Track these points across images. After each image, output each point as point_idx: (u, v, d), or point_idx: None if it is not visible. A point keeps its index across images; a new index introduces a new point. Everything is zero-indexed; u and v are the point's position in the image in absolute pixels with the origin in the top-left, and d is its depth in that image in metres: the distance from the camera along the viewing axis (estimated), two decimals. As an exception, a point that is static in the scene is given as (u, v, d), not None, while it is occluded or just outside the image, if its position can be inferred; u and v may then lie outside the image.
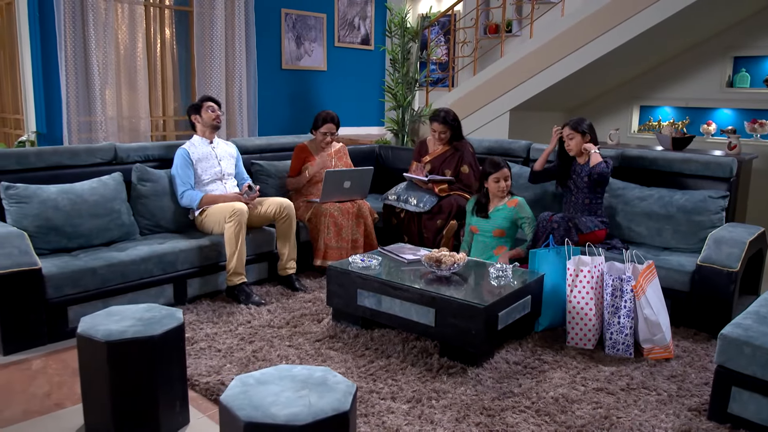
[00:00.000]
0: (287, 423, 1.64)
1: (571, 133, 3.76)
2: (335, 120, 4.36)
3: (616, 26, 5.04)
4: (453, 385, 2.68)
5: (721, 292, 3.22)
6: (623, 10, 5.00)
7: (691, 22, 5.02)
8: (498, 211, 3.74)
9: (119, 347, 2.16)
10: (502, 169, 3.69)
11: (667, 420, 2.44)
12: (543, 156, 4.03)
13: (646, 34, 5.00)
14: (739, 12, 5.20)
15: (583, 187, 3.72)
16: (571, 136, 3.76)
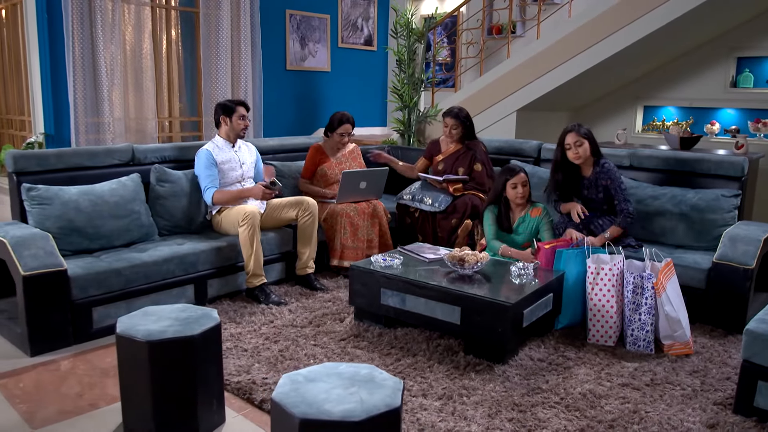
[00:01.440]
0: (343, 419, 1.67)
1: (579, 140, 3.54)
2: (351, 120, 4.39)
3: (623, 28, 5.10)
4: (481, 382, 2.72)
5: (738, 288, 3.28)
6: (630, 12, 5.06)
7: (696, 23, 5.09)
8: (523, 223, 3.69)
9: (160, 347, 2.18)
10: (519, 173, 3.63)
11: (693, 414, 2.49)
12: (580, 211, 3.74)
13: (651, 35, 5.07)
14: (743, 14, 5.28)
15: (599, 198, 3.62)
16: (579, 143, 3.54)
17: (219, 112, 3.87)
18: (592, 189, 3.62)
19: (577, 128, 3.58)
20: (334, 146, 4.45)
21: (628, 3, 5.07)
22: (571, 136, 3.56)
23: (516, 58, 5.79)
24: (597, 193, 3.60)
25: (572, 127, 3.59)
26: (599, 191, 3.59)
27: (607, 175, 3.55)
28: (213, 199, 3.76)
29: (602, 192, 3.58)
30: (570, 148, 3.57)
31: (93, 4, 5.23)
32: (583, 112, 6.60)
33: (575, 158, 3.58)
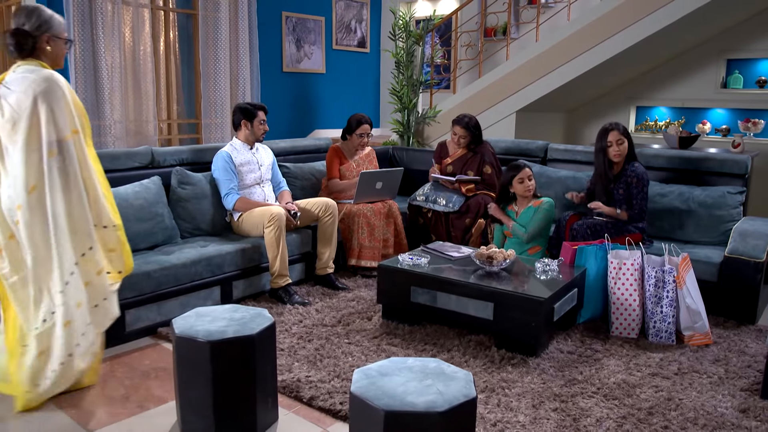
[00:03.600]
0: (428, 410, 1.74)
1: (621, 138, 3.66)
2: (369, 121, 4.45)
3: (620, 32, 5.26)
4: (519, 375, 2.81)
5: (748, 281, 3.43)
6: (626, 17, 5.22)
7: (688, 27, 5.28)
8: (527, 212, 3.87)
9: (221, 346, 2.22)
10: (524, 168, 3.83)
11: (724, 400, 2.61)
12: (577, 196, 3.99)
13: (646, 38, 5.24)
14: (732, 18, 5.49)
15: (620, 199, 3.72)
16: (621, 141, 3.65)
17: (239, 115, 3.90)
18: (617, 186, 3.72)
19: (618, 127, 3.69)
20: (352, 148, 4.51)
21: (624, 8, 5.23)
22: (613, 135, 3.66)
23: (515, 61, 5.91)
24: (618, 189, 3.71)
25: (614, 125, 3.69)
26: (620, 187, 3.69)
27: (634, 174, 3.64)
28: (235, 206, 3.79)
29: (623, 189, 3.68)
30: (611, 145, 3.67)
31: (94, 6, 5.20)
32: (578, 113, 6.77)
33: (616, 156, 3.69)
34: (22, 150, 2.41)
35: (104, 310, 2.64)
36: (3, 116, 2.43)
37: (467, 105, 6.13)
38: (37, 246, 2.44)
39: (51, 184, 2.44)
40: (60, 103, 2.45)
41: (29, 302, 2.48)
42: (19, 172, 2.41)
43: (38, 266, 2.46)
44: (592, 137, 6.56)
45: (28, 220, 2.42)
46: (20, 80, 2.44)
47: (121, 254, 2.73)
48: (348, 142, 4.51)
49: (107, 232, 2.66)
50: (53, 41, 2.53)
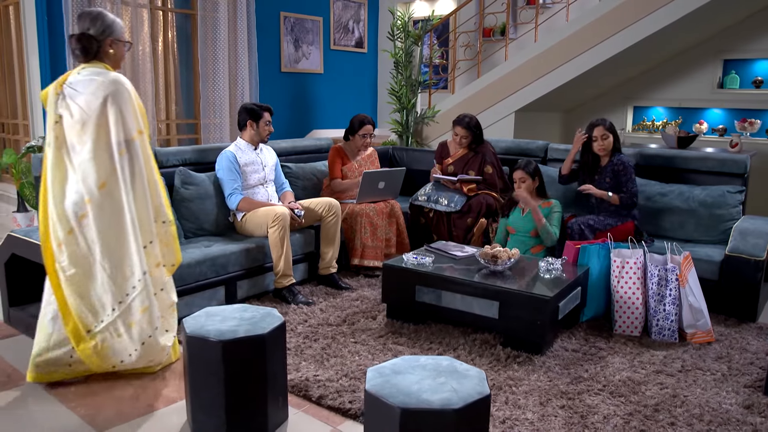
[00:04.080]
0: (443, 407, 1.76)
1: (605, 134, 3.84)
2: (372, 122, 4.47)
3: (619, 32, 5.30)
4: (525, 373, 2.83)
5: (749, 279, 3.47)
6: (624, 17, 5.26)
7: (685, 28, 5.32)
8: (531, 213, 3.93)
9: (233, 346, 2.23)
10: (515, 171, 3.98)
11: (728, 397, 2.65)
12: (568, 159, 4.11)
13: (644, 39, 5.28)
14: (729, 18, 5.54)
15: (606, 188, 3.82)
16: (606, 136, 3.83)
17: (245, 115, 3.90)
18: (603, 175, 3.87)
19: (604, 123, 3.86)
20: (355, 149, 4.52)
21: (622, 9, 5.27)
22: (598, 130, 3.85)
23: (514, 61, 5.94)
24: (605, 178, 3.85)
25: (600, 121, 3.88)
26: (607, 177, 3.84)
27: (620, 162, 3.79)
28: (238, 206, 3.79)
29: (610, 178, 3.82)
30: (597, 140, 3.85)
31: (93, 6, 5.18)
32: (576, 113, 6.81)
33: (600, 150, 3.86)
34: (92, 149, 2.54)
35: (162, 298, 2.80)
36: (72, 117, 2.56)
37: (466, 105, 6.16)
38: (106, 238, 2.58)
39: (122, 180, 2.59)
40: (127, 104, 2.59)
41: (92, 293, 2.62)
42: (89, 169, 2.55)
43: (106, 258, 2.59)
44: (590, 137, 6.62)
45: (98, 214, 2.57)
46: (87, 82, 2.55)
47: (174, 249, 2.87)
48: (350, 142, 4.53)
49: (165, 227, 2.82)
50: (116, 44, 2.67)
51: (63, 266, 2.60)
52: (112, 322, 2.64)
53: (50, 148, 2.62)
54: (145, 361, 2.77)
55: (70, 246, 2.59)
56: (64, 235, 2.59)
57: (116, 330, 2.65)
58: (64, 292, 2.61)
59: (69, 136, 2.59)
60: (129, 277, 2.64)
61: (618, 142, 3.89)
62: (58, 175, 2.61)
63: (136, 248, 2.64)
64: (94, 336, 2.63)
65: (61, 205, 2.59)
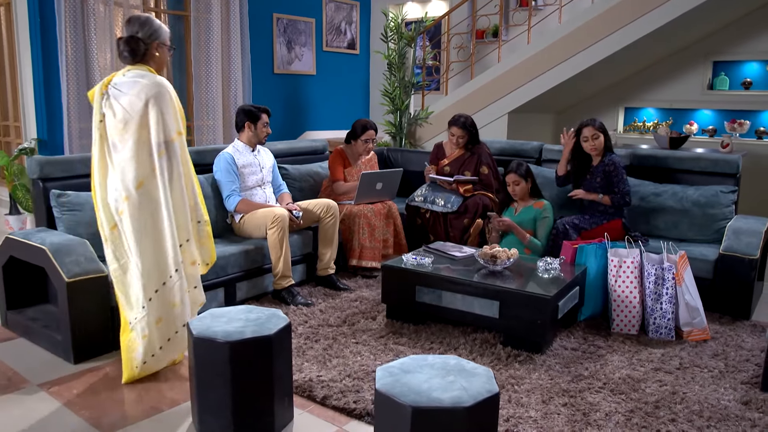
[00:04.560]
0: (454, 405, 1.78)
1: (596, 133, 3.86)
2: (375, 127, 4.49)
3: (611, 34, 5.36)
4: (526, 372, 2.86)
5: (743, 278, 3.53)
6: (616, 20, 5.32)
7: (676, 30, 5.39)
8: (524, 213, 4.04)
9: (240, 347, 2.23)
10: (508, 174, 4.05)
11: (726, 393, 2.69)
12: (563, 160, 4.13)
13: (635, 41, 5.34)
14: (719, 21, 5.63)
15: (597, 188, 3.88)
16: (596, 136, 3.86)
17: (243, 116, 3.90)
18: (594, 176, 3.92)
19: (594, 123, 3.89)
20: (356, 153, 4.53)
21: (614, 11, 5.33)
22: (588, 130, 3.88)
23: (507, 62, 5.98)
24: (595, 179, 3.89)
25: (590, 121, 3.91)
26: (598, 177, 3.88)
27: (612, 162, 3.83)
28: (236, 208, 3.80)
29: (601, 178, 3.86)
30: (587, 140, 3.89)
31: (86, 7, 5.16)
32: (568, 113, 6.86)
33: (591, 150, 3.90)
34: (133, 148, 2.63)
35: (194, 296, 2.90)
36: (115, 116, 2.65)
37: (459, 106, 6.19)
38: (140, 236, 2.67)
39: (160, 180, 2.67)
40: (168, 107, 2.68)
41: (129, 288, 2.73)
42: (128, 168, 2.64)
43: (141, 254, 2.67)
44: (582, 138, 6.69)
45: (134, 213, 2.66)
46: (131, 84, 2.66)
47: (209, 247, 2.98)
48: (352, 146, 4.54)
49: (200, 226, 2.93)
50: (161, 48, 2.79)
51: (108, 260, 2.74)
52: (142, 319, 2.72)
53: (95, 146, 2.75)
54: (171, 358, 2.88)
55: (114, 241, 2.73)
56: (109, 230, 2.73)
57: (142, 330, 2.72)
58: (115, 286, 2.77)
59: (111, 135, 2.69)
60: (160, 275, 2.71)
61: (609, 142, 3.94)
62: (103, 173, 2.74)
63: (171, 246, 2.71)
64: (134, 329, 2.75)
65: (105, 202, 2.73)
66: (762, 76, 5.74)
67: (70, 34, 5.09)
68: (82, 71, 5.19)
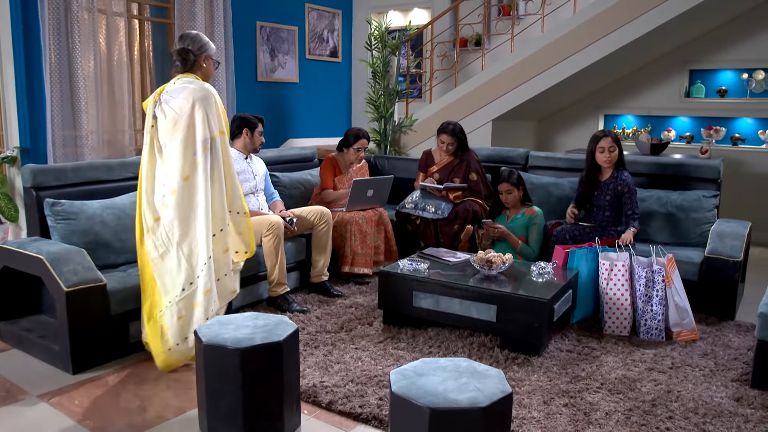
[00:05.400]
0: (471, 406, 1.82)
1: (612, 145, 3.80)
2: (367, 135, 4.52)
3: (592, 44, 5.49)
4: (526, 374, 2.92)
5: (728, 279, 3.65)
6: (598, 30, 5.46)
7: (654, 40, 5.55)
8: (516, 220, 4.13)
9: (251, 353, 2.25)
10: (500, 183, 4.15)
11: (719, 391, 2.78)
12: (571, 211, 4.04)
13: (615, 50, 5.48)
14: (695, 31, 5.80)
15: (605, 204, 3.88)
16: (613, 148, 3.80)
17: (241, 123, 3.92)
18: (603, 192, 3.87)
19: (611, 134, 3.83)
20: (348, 162, 4.56)
21: (595, 21, 5.46)
22: (606, 141, 3.80)
23: (491, 71, 6.08)
24: (605, 197, 3.86)
25: (607, 132, 3.84)
26: (608, 195, 3.85)
27: (625, 183, 3.79)
28: None
29: (611, 196, 3.84)
30: (603, 151, 3.80)
31: (69, 14, 5.12)
32: (549, 121, 6.99)
33: (606, 161, 3.82)
34: (180, 145, 2.91)
35: (224, 284, 3.06)
36: (165, 118, 2.96)
37: (443, 114, 6.26)
38: (184, 225, 2.92)
39: (203, 173, 2.93)
40: (212, 108, 2.98)
41: (167, 274, 2.93)
42: (176, 163, 2.92)
43: (182, 242, 2.92)
44: (563, 145, 6.84)
45: (180, 203, 2.92)
46: (181, 89, 2.97)
47: (248, 237, 3.22)
48: (344, 154, 4.57)
49: (239, 217, 3.17)
50: (208, 60, 3.13)
51: (149, 249, 2.96)
52: (180, 301, 2.91)
53: (145, 147, 3.03)
54: None
55: (156, 231, 2.96)
56: (152, 222, 2.97)
57: (178, 311, 2.91)
58: (148, 273, 2.98)
59: (162, 136, 2.98)
60: (199, 262, 2.93)
61: (622, 156, 3.89)
62: (151, 170, 3.01)
63: (205, 235, 2.92)
64: (161, 317, 2.93)
65: (151, 197, 2.99)
66: (736, 84, 5.94)
67: (53, 41, 5.04)
68: (66, 79, 5.14)
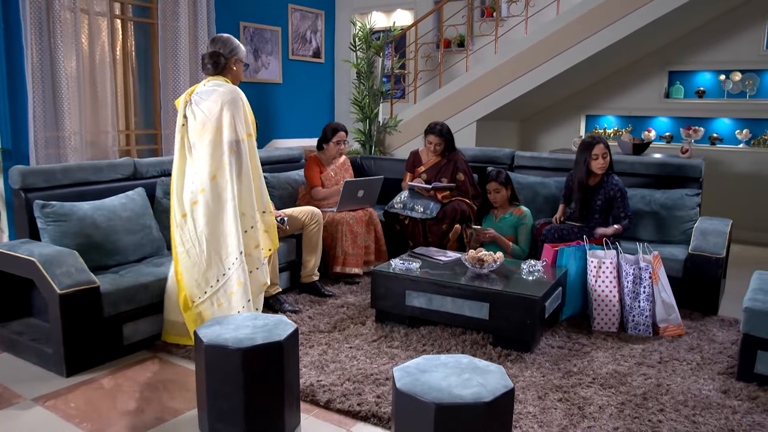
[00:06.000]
0: (475, 401, 1.86)
1: (605, 152, 3.84)
2: (344, 128, 4.55)
3: (574, 45, 5.58)
4: (519, 370, 2.97)
5: (711, 276, 3.74)
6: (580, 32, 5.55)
7: (634, 42, 5.65)
8: (504, 219, 4.22)
9: (252, 353, 2.26)
10: (489, 182, 4.21)
11: (706, 384, 2.86)
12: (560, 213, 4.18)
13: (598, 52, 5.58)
14: (674, 33, 5.93)
15: (596, 208, 3.93)
16: (606, 154, 3.85)
17: None
18: (595, 196, 3.93)
19: (603, 140, 3.87)
20: (330, 157, 4.58)
21: (578, 23, 5.55)
22: (599, 148, 3.83)
23: (475, 72, 6.14)
24: (596, 201, 3.92)
25: (599, 139, 3.88)
26: (599, 199, 3.91)
27: (617, 187, 3.86)
28: None
29: (602, 200, 3.90)
30: (598, 158, 3.84)
31: (51, 14, 5.06)
32: (531, 121, 7.08)
33: (601, 168, 3.86)
34: (209, 146, 3.06)
35: (256, 276, 3.24)
36: (195, 119, 3.10)
37: (428, 114, 6.31)
38: (212, 222, 3.07)
39: (229, 174, 3.06)
40: (240, 111, 3.10)
41: (194, 267, 3.10)
42: (204, 163, 3.07)
43: (212, 238, 3.08)
44: (546, 144, 6.93)
45: (208, 201, 3.07)
46: (210, 92, 3.10)
47: (272, 235, 3.37)
48: (325, 151, 4.59)
49: (265, 216, 3.30)
50: (238, 63, 3.25)
51: (176, 243, 3.13)
52: (214, 294, 3.11)
53: (177, 145, 3.16)
54: None
55: (183, 227, 3.12)
56: (180, 218, 3.13)
57: (217, 300, 3.11)
58: (178, 266, 3.14)
59: (191, 136, 3.12)
60: (229, 256, 3.09)
61: (612, 160, 3.95)
62: (181, 168, 3.16)
63: (235, 232, 3.07)
64: (198, 306, 3.12)
65: (180, 194, 3.14)
66: (714, 85, 6.08)
67: (35, 41, 4.97)
68: (48, 79, 5.08)
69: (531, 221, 4.16)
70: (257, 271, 3.24)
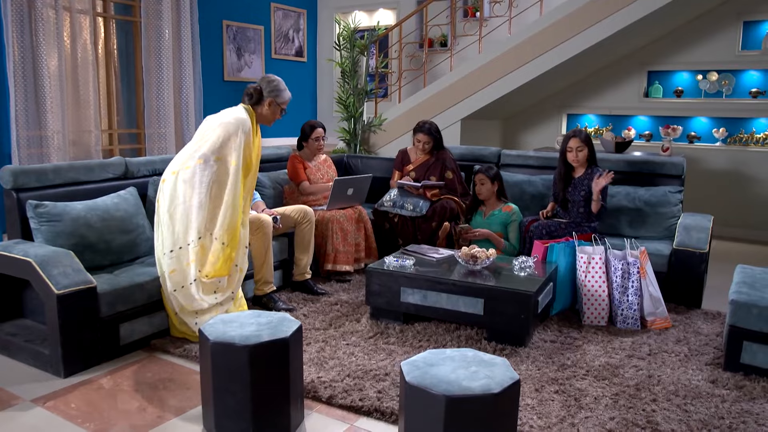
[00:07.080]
0: (485, 393, 1.91)
1: (581, 145, 3.97)
2: (322, 125, 4.60)
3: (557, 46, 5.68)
4: (515, 364, 3.03)
5: (695, 270, 3.85)
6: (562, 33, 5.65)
7: (614, 43, 5.78)
8: (494, 216, 4.27)
9: (259, 350, 2.28)
10: (476, 174, 4.30)
11: (695, 374, 2.96)
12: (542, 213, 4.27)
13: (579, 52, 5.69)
14: (653, 34, 6.07)
15: (579, 200, 4.03)
16: (581, 148, 3.97)
17: None
18: (577, 188, 4.04)
19: (580, 134, 3.99)
20: (310, 154, 4.61)
21: (560, 24, 5.65)
22: (574, 141, 3.98)
23: (459, 72, 6.21)
24: (579, 193, 4.02)
25: (576, 133, 4.01)
26: (582, 190, 4.02)
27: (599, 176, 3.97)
28: None
29: (585, 192, 4.00)
30: (572, 151, 3.99)
31: (33, 11, 5.00)
32: (514, 120, 7.18)
33: (574, 161, 4.01)
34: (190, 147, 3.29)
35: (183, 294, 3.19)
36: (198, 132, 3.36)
37: (413, 113, 6.37)
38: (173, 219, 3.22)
39: (181, 177, 3.21)
40: (232, 139, 3.24)
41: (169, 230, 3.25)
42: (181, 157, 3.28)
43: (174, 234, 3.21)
44: (528, 143, 7.03)
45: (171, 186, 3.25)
46: (226, 113, 3.36)
47: (210, 261, 3.21)
48: (305, 149, 4.62)
49: (214, 242, 3.21)
50: (273, 106, 3.46)
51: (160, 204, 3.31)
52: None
53: None
54: None
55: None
56: None
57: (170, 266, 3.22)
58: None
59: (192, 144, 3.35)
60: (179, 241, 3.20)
61: (594, 155, 4.06)
62: None
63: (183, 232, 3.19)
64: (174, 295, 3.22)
65: None
66: (692, 85, 6.24)
67: (17, 39, 4.91)
68: (30, 77, 5.02)
69: (520, 218, 4.24)
70: (182, 290, 3.16)
